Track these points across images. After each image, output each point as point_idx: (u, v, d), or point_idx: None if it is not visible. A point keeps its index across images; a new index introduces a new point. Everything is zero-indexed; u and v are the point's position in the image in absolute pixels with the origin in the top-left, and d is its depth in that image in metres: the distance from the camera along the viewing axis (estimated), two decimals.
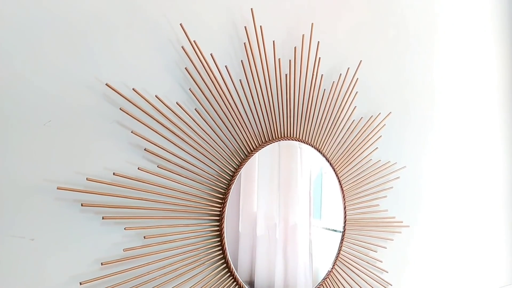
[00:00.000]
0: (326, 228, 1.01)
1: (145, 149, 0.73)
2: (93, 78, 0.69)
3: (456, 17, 1.44)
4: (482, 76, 1.54)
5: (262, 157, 0.89)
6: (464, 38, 1.47)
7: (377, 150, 1.16)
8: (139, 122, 0.72)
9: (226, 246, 0.81)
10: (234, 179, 0.84)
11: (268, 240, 0.90)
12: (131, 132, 0.72)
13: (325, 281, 0.98)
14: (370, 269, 1.11)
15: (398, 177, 1.21)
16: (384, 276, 1.14)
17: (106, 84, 0.70)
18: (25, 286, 0.61)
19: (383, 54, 1.20)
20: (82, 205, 0.66)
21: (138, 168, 0.72)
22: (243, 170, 0.85)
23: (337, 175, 1.03)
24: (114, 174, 0.69)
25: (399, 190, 1.22)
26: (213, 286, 0.80)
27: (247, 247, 0.88)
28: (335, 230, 1.03)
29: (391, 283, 1.16)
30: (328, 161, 1.02)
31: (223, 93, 0.83)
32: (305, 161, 0.97)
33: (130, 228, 0.70)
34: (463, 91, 1.46)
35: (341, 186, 1.04)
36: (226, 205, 0.82)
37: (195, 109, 0.80)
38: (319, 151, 1.00)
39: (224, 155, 0.84)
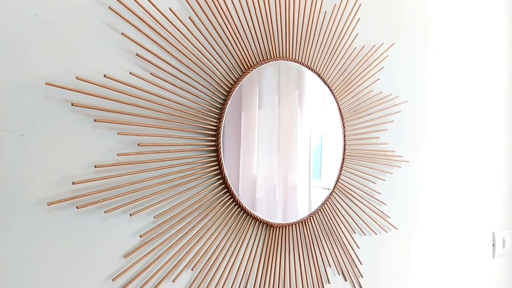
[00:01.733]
0: (326, 189, 0.99)
1: (136, 54, 0.70)
2: None
3: None
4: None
5: (262, 112, 0.86)
6: None
7: (378, 81, 1.12)
8: (131, 24, 0.69)
9: (223, 162, 0.80)
10: (231, 94, 0.81)
11: (268, 202, 0.88)
12: (122, 33, 0.69)
13: (323, 206, 0.98)
14: (368, 200, 1.10)
15: (399, 111, 1.18)
16: (382, 208, 1.14)
17: None
18: (16, 183, 0.60)
19: None
20: (72, 104, 0.64)
21: (130, 73, 0.69)
22: (243, 122, 0.83)
23: (337, 103, 1.01)
24: (105, 76, 0.66)
25: (400, 124, 1.19)
26: (209, 201, 0.79)
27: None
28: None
29: (389, 216, 1.16)
30: (329, 87, 0.99)
31: (219, 4, 0.79)
32: (305, 118, 0.94)
33: (123, 133, 0.69)
34: (469, 21, 1.41)
35: (341, 114, 1.01)
36: (222, 120, 0.80)
37: (189, 18, 0.76)
38: (320, 76, 0.97)
39: (221, 70, 0.81)
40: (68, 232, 0.64)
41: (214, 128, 0.80)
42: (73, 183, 0.64)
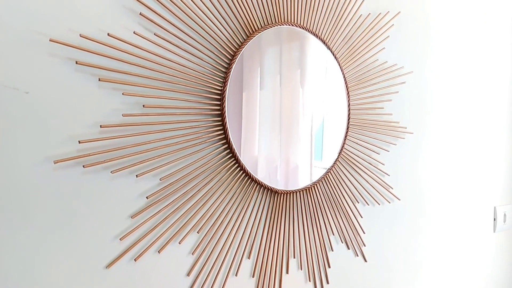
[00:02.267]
0: (328, 169, 0.99)
1: (140, 13, 0.69)
2: None
3: None
4: None
5: (263, 92, 0.85)
6: None
7: (383, 50, 1.11)
8: None
9: (228, 127, 0.80)
10: (236, 58, 0.80)
11: (269, 183, 0.88)
12: None
13: (327, 175, 0.98)
14: (372, 170, 1.10)
15: (404, 82, 1.17)
16: (385, 179, 1.14)
17: None
18: (22, 140, 0.60)
19: None
20: (76, 62, 0.63)
21: (134, 33, 0.68)
22: (244, 100, 0.82)
23: (342, 71, 1.00)
24: (108, 35, 0.66)
25: (405, 95, 1.19)
26: (214, 165, 0.79)
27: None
28: None
29: (392, 187, 1.16)
30: (334, 55, 0.98)
31: None
32: (307, 98, 0.93)
33: (128, 94, 0.68)
34: None
35: (346, 83, 1.00)
36: (227, 84, 0.79)
37: None
38: (325, 43, 0.96)
39: (225, 33, 0.80)
40: (75, 191, 0.64)
41: (219, 92, 0.79)
42: (79, 142, 0.63)
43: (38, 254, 0.61)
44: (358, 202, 1.07)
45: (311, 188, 0.95)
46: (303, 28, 0.91)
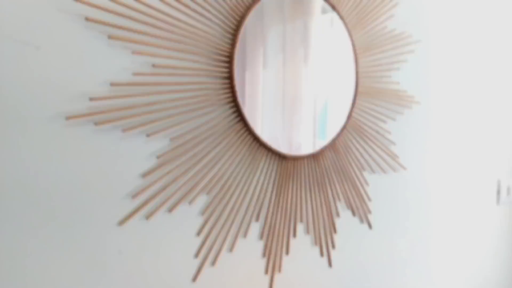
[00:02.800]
0: (336, 135, 0.98)
1: None
2: None
3: None
4: None
5: (266, 71, 0.84)
6: None
7: (392, 18, 1.10)
8: None
9: (236, 90, 0.80)
10: (244, 20, 0.79)
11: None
12: None
13: (335, 141, 0.98)
14: (378, 139, 1.10)
15: (412, 51, 1.16)
16: (392, 147, 1.15)
17: None
18: (34, 95, 0.60)
19: None
20: (86, 19, 0.62)
21: None
22: (247, 87, 0.81)
23: (351, 37, 0.99)
24: None
25: (413, 64, 1.18)
26: (223, 127, 0.80)
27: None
28: None
29: (398, 156, 1.16)
30: (343, 20, 0.97)
31: None
32: (310, 76, 0.92)
33: (138, 53, 0.68)
34: None
35: (354, 49, 1.00)
36: (236, 46, 0.79)
37: None
38: (332, 6, 0.94)
39: None
40: (87, 148, 0.65)
41: (228, 54, 0.79)
42: (90, 100, 0.64)
43: (49, 211, 0.62)
44: (365, 170, 1.08)
45: (318, 154, 0.95)
46: None
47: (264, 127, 0.85)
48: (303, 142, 0.93)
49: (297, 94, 0.91)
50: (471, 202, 1.44)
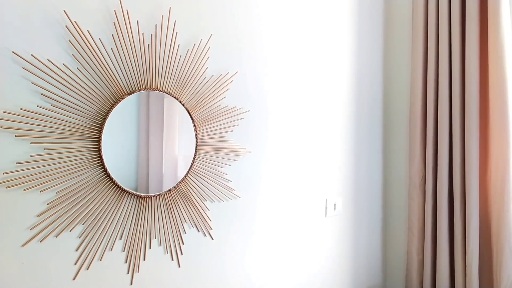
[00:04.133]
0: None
1: (32, 83, 1.15)
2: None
3: None
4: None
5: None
6: None
7: (224, 99, 1.66)
8: (40, 71, 1.14)
9: (104, 156, 1.28)
10: (110, 113, 1.29)
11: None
12: (32, 82, 1.13)
13: (179, 185, 1.50)
14: (217, 179, 1.65)
15: (242, 118, 1.74)
16: (229, 184, 1.70)
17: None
18: None
19: (230, 30, 1.67)
20: (0, 127, 1.08)
21: (37, 106, 1.14)
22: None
23: (190, 114, 1.52)
24: (21, 109, 1.11)
25: (245, 127, 1.74)
26: (94, 181, 1.28)
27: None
28: None
29: (234, 189, 1.72)
30: (184, 106, 1.50)
31: (98, 57, 1.26)
32: (168, 145, 1.45)
33: (34, 142, 1.14)
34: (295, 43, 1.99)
35: (193, 122, 1.53)
36: (102, 132, 1.28)
37: (77, 68, 1.22)
38: (177, 99, 1.47)
39: (100, 99, 1.28)
40: None
41: (97, 139, 1.27)
42: (3, 174, 1.09)
43: None
44: (206, 200, 1.61)
45: (166, 193, 1.47)
46: (161, 91, 1.42)
47: (125, 178, 1.35)
48: (155, 186, 1.44)
49: (157, 157, 1.42)
50: (305, 215, 2.04)
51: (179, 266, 1.53)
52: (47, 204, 1.18)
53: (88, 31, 1.24)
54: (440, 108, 2.21)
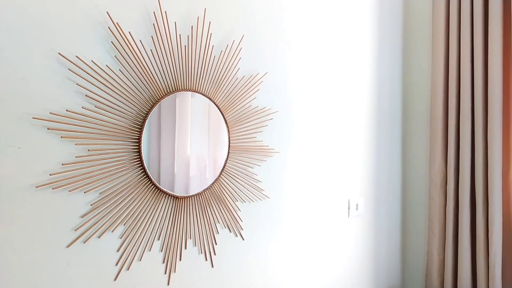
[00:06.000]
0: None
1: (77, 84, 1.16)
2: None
3: None
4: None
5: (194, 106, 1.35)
6: None
7: (255, 99, 1.66)
8: (82, 78, 1.14)
9: (143, 159, 1.29)
10: (149, 114, 1.29)
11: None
12: (77, 84, 1.14)
13: (213, 185, 1.51)
14: (247, 179, 1.65)
15: (271, 118, 1.74)
16: (259, 184, 1.70)
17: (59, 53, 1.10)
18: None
19: (259, 32, 1.67)
20: (48, 128, 1.08)
21: (82, 107, 1.14)
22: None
23: (223, 115, 1.53)
24: (50, 113, 1.11)
25: (273, 127, 1.75)
26: (135, 182, 1.28)
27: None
28: None
29: (263, 189, 1.72)
30: (217, 107, 1.50)
31: (139, 58, 1.26)
32: (195, 142, 1.45)
33: (79, 143, 1.14)
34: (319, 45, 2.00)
35: (226, 123, 1.54)
36: (142, 133, 1.28)
37: (119, 70, 1.23)
38: (210, 99, 1.48)
39: (141, 100, 1.28)
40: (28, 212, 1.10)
41: (137, 139, 1.28)
42: (50, 175, 1.09)
43: None
44: (238, 200, 1.62)
45: (201, 193, 1.47)
46: (195, 91, 1.43)
47: (163, 179, 1.35)
48: (191, 187, 1.44)
49: (186, 156, 1.43)
50: (329, 216, 2.05)
51: (212, 267, 1.53)
52: (91, 205, 1.18)
53: (129, 32, 1.24)
54: (462, 108, 2.21)
